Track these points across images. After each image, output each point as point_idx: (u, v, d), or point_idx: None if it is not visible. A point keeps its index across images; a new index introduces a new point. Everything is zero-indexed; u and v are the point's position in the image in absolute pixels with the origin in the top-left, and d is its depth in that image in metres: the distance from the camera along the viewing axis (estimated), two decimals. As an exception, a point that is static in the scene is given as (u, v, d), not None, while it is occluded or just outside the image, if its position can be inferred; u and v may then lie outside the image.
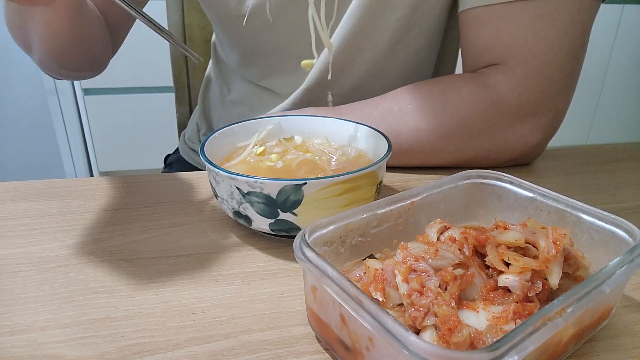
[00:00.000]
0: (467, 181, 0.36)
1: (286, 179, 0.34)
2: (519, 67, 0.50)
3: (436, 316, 0.24)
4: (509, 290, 0.27)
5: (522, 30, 0.49)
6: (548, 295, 0.28)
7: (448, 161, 0.54)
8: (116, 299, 0.33)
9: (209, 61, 0.83)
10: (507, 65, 0.51)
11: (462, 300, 0.27)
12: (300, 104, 0.65)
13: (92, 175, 1.90)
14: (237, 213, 0.38)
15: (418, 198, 0.34)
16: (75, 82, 1.71)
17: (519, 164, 0.56)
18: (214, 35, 0.78)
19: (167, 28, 0.90)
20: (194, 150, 0.81)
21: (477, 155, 0.53)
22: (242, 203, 0.37)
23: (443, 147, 0.53)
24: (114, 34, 0.62)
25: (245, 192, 0.36)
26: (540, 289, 0.26)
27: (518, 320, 0.25)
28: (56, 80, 1.70)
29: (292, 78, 0.64)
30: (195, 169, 0.79)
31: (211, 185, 0.40)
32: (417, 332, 0.25)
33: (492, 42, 0.51)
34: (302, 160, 0.44)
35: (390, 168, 0.55)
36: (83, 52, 0.56)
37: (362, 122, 0.47)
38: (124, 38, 0.65)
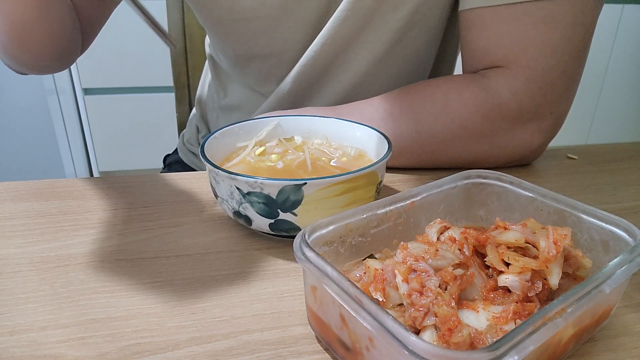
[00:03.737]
0: (467, 181, 0.36)
1: (286, 179, 0.34)
2: (521, 72, 0.50)
3: (436, 316, 0.24)
4: (509, 290, 0.27)
5: (524, 33, 0.49)
6: (548, 295, 0.28)
7: (448, 163, 0.54)
8: (116, 299, 0.33)
9: (204, 62, 0.82)
10: (509, 69, 0.50)
11: (462, 300, 0.27)
12: (294, 100, 0.64)
13: (92, 175, 1.90)
14: (237, 213, 0.38)
15: (418, 198, 0.34)
16: (75, 81, 1.71)
17: (519, 164, 0.56)
18: (207, 37, 0.77)
19: (167, 28, 0.90)
20: (192, 152, 0.81)
21: (477, 158, 0.53)
22: (242, 203, 0.37)
23: (443, 150, 0.53)
24: (85, 29, 0.56)
25: (245, 192, 0.36)
26: (540, 289, 0.26)
27: (518, 320, 0.25)
28: (56, 80, 1.70)
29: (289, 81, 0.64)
30: (194, 171, 0.79)
31: (211, 185, 0.40)
32: (417, 332, 0.25)
33: (493, 45, 0.51)
34: (303, 160, 0.44)
35: (390, 168, 0.55)
36: (50, 37, 0.49)
37: (362, 123, 0.47)
38: (95, 36, 0.60)
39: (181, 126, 0.97)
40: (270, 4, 0.56)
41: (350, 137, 0.47)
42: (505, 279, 0.27)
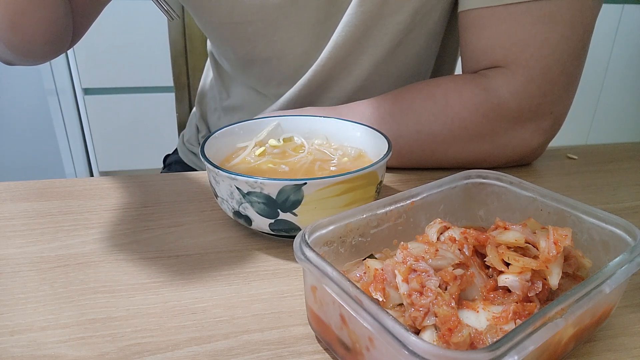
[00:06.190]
0: (467, 181, 0.36)
1: (286, 179, 0.34)
2: (521, 71, 0.50)
3: (436, 316, 0.24)
4: (509, 290, 0.27)
5: (523, 33, 0.49)
6: (548, 295, 0.28)
7: (448, 163, 0.54)
8: (116, 299, 0.33)
9: (205, 61, 0.82)
10: (508, 68, 0.50)
11: (462, 300, 0.27)
12: (295, 106, 0.64)
13: (92, 175, 1.90)
14: (237, 213, 0.38)
15: (418, 198, 0.34)
16: (75, 81, 1.71)
17: (519, 164, 0.56)
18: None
19: (167, 28, 0.90)
20: (193, 152, 0.81)
21: (477, 158, 0.53)
22: (242, 203, 0.37)
23: (443, 150, 0.53)
24: (77, 21, 0.57)
25: (245, 192, 0.36)
26: (540, 289, 0.26)
27: (518, 320, 0.25)
28: (56, 80, 1.70)
29: (291, 85, 0.64)
30: (194, 171, 0.79)
31: (211, 185, 0.40)
32: (417, 332, 0.25)
33: (492, 45, 0.51)
34: (308, 162, 0.44)
35: (390, 168, 0.55)
36: (42, 21, 0.50)
37: (362, 123, 0.47)
38: (87, 28, 0.60)
39: (181, 126, 0.97)
40: (268, 8, 0.56)
41: (350, 137, 0.47)
42: (505, 279, 0.27)
